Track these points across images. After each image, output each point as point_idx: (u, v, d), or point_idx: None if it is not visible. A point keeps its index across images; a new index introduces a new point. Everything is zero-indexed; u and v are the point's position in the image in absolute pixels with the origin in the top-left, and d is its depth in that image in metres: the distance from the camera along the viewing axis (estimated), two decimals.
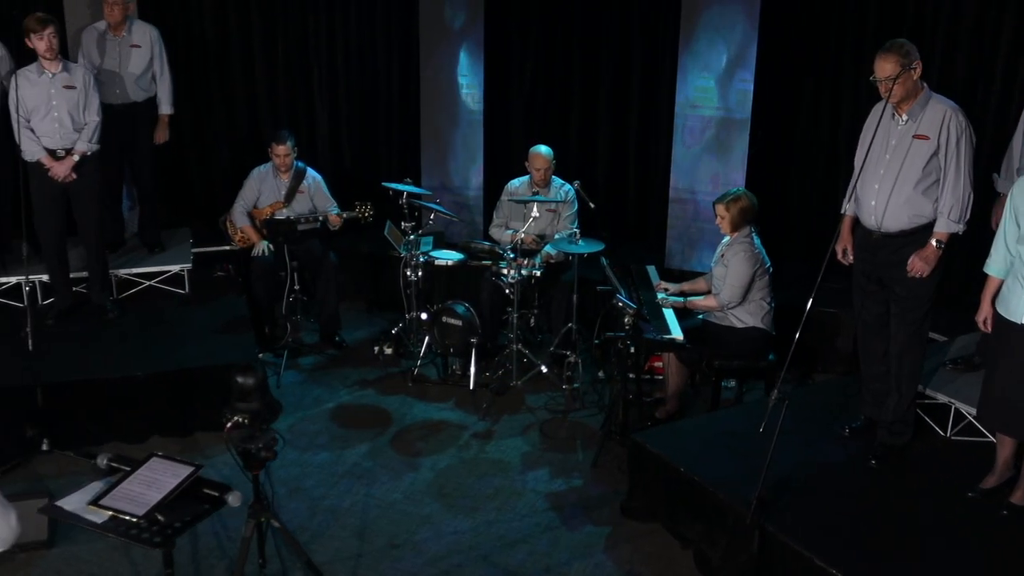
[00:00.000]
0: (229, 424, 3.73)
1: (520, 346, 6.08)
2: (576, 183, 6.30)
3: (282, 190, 6.67)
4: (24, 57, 6.19)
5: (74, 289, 6.35)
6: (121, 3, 6.57)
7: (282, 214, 6.61)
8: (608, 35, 7.37)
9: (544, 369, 6.11)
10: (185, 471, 3.50)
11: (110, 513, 3.36)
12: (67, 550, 4.63)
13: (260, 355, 6.13)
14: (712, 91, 6.72)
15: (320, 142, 7.99)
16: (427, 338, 6.35)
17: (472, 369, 6.17)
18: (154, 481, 3.47)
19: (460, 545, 4.70)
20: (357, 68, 7.88)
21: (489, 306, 6.34)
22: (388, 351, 6.62)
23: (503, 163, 7.49)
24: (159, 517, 3.33)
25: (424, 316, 6.48)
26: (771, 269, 5.52)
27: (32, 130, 5.85)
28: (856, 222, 4.72)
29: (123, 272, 6.68)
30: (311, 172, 6.75)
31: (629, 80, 7.43)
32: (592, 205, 6.19)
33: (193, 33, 7.76)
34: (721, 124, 6.74)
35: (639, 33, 7.28)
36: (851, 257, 4.78)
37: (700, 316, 5.66)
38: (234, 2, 7.75)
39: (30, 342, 5.26)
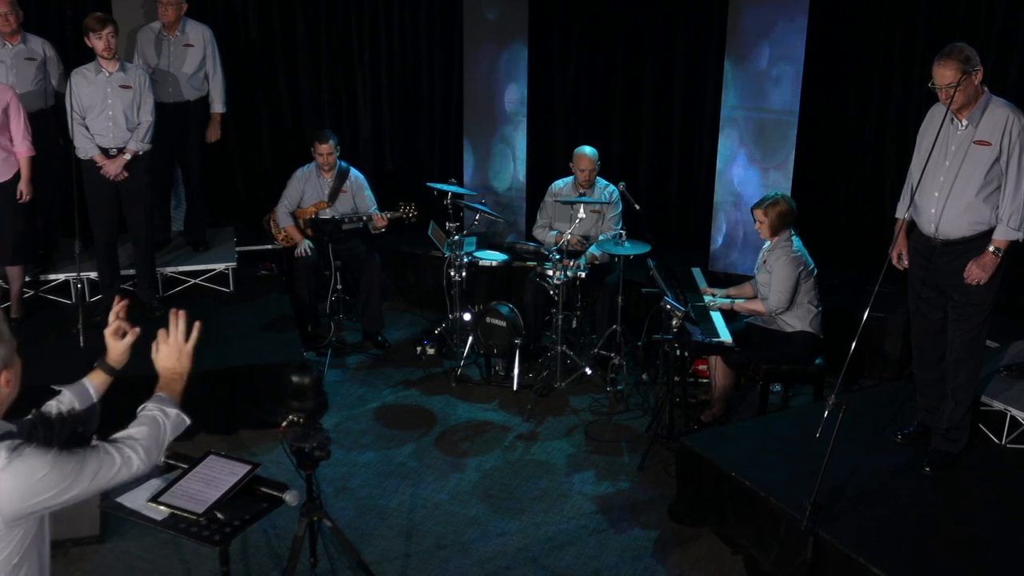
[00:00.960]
0: (284, 423, 3.74)
1: (564, 348, 6.06)
2: (621, 184, 6.27)
3: (325, 189, 6.69)
4: (79, 56, 6.26)
5: (121, 286, 6.40)
6: (175, 3, 6.64)
7: (326, 214, 6.63)
8: (652, 34, 7.33)
9: (588, 371, 6.08)
10: (242, 469, 3.52)
11: (169, 510, 3.37)
12: (118, 545, 4.67)
13: (304, 354, 6.15)
14: (758, 91, 6.66)
15: (363, 143, 8.01)
16: (470, 338, 6.35)
17: (516, 370, 6.16)
18: (212, 479, 3.49)
19: (507, 547, 4.69)
20: (400, 69, 7.90)
21: (533, 307, 6.33)
22: (430, 351, 6.63)
23: (546, 163, 7.48)
24: (218, 515, 3.34)
25: (467, 316, 6.48)
26: (815, 271, 5.46)
27: (86, 128, 5.92)
28: (912, 226, 4.66)
29: (169, 270, 6.74)
30: (354, 172, 6.78)
31: (672, 80, 7.38)
32: (637, 207, 6.15)
33: (237, 34, 7.81)
34: (768, 125, 6.69)
35: (683, 33, 7.24)
36: (906, 262, 4.71)
37: (745, 320, 5.62)
38: (278, 3, 7.79)
39: (82, 338, 5.31)
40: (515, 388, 6.14)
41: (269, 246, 7.14)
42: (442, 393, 6.19)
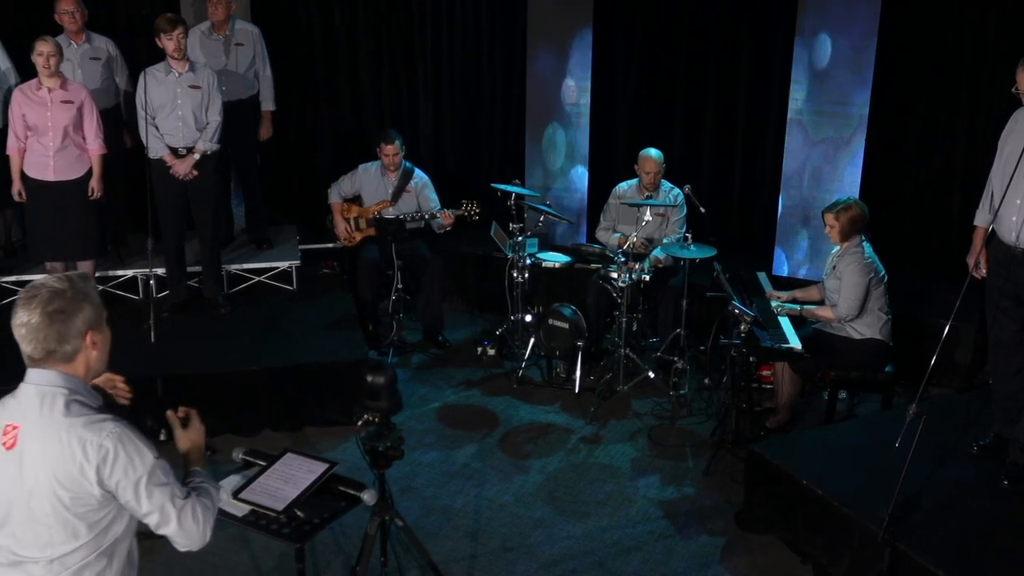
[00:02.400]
0: (360, 422, 3.76)
1: (627, 351, 6.02)
2: (687, 187, 6.24)
3: (389, 189, 6.72)
4: (149, 56, 6.35)
5: (188, 283, 6.49)
6: (224, 2, 6.68)
7: (388, 213, 6.66)
8: (716, 33, 7.23)
9: (651, 374, 6.05)
10: (320, 468, 3.54)
11: (250, 507, 3.40)
12: None
13: (369, 353, 6.19)
14: (827, 90, 6.55)
15: (423, 141, 8.03)
16: (532, 340, 6.34)
17: (578, 372, 6.14)
18: (290, 477, 3.51)
19: (574, 550, 4.67)
20: (461, 68, 7.91)
21: (595, 309, 6.29)
22: (491, 352, 6.64)
23: (606, 164, 7.46)
24: (298, 513, 3.36)
25: (527, 318, 6.47)
26: (886, 278, 5.38)
27: (156, 127, 5.99)
28: (992, 235, 4.57)
29: (234, 268, 6.81)
30: (418, 172, 6.80)
31: (737, 79, 7.27)
32: (703, 210, 6.12)
33: (300, 32, 7.87)
34: (836, 125, 6.57)
35: (749, 31, 7.13)
36: (984, 271, 4.62)
37: (813, 325, 5.55)
38: (340, 1, 7.83)
39: (152, 334, 5.39)
40: (577, 390, 6.11)
41: (330, 244, 7.19)
42: (503, 394, 6.19)
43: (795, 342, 5.22)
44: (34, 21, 6.63)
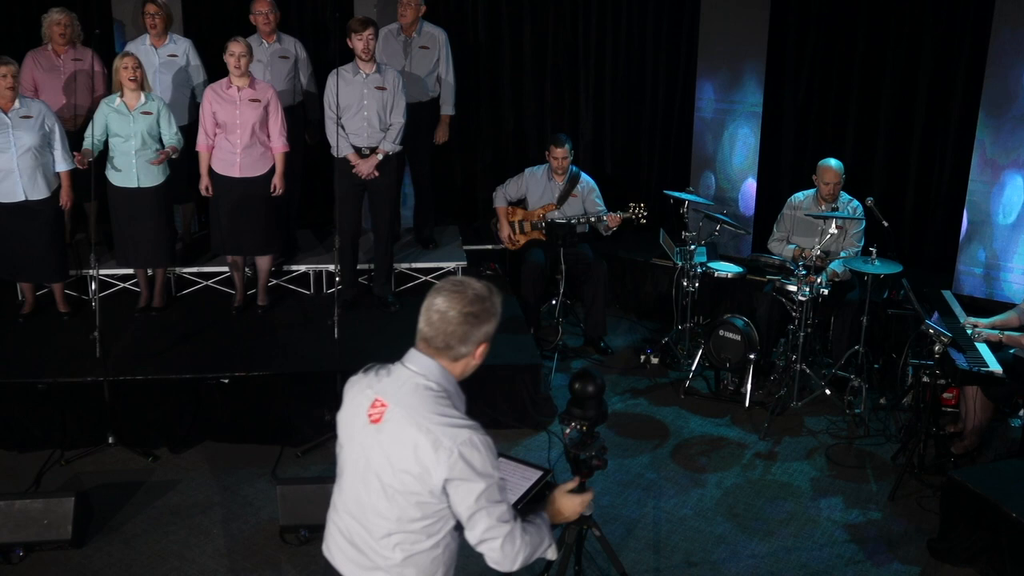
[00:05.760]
0: (567, 430, 3.74)
1: (804, 366, 5.86)
2: (869, 200, 6.04)
3: (555, 192, 6.72)
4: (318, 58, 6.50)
5: (359, 280, 6.62)
6: (414, 5, 6.76)
7: (553, 216, 6.65)
8: (897, 33, 6.95)
9: (827, 391, 5.88)
10: (535, 475, 3.52)
11: None
12: None
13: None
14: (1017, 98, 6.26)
15: (583, 147, 7.99)
16: (700, 350, 6.24)
17: (748, 386, 6.01)
18: (506, 483, 3.50)
19: (760, 570, 4.56)
20: (624, 73, 7.85)
21: (767, 322, 6.15)
22: (654, 360, 6.57)
23: (774, 172, 7.30)
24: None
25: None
26: None
27: (342, 127, 6.10)
28: None
29: (403, 266, 6.90)
30: (585, 177, 6.77)
31: (915, 83, 6.96)
32: (885, 224, 5.92)
33: (466, 37, 7.92)
34: None
35: (933, 32, 6.83)
36: None
37: (1012, 351, 5.29)
38: (507, 6, 7.87)
39: (336, 330, 5.49)
40: (747, 404, 6.00)
41: (490, 246, 7.23)
42: (671, 404, 6.11)
43: (995, 366, 4.99)
44: (225, 21, 6.86)
